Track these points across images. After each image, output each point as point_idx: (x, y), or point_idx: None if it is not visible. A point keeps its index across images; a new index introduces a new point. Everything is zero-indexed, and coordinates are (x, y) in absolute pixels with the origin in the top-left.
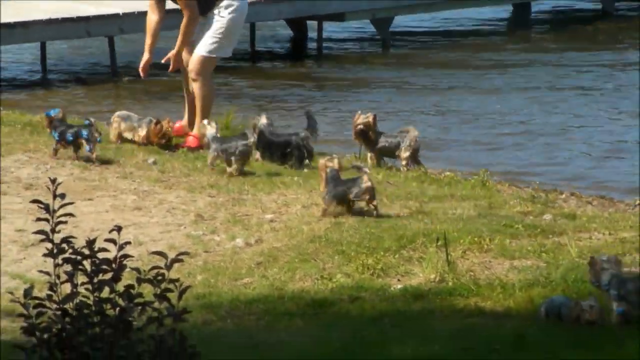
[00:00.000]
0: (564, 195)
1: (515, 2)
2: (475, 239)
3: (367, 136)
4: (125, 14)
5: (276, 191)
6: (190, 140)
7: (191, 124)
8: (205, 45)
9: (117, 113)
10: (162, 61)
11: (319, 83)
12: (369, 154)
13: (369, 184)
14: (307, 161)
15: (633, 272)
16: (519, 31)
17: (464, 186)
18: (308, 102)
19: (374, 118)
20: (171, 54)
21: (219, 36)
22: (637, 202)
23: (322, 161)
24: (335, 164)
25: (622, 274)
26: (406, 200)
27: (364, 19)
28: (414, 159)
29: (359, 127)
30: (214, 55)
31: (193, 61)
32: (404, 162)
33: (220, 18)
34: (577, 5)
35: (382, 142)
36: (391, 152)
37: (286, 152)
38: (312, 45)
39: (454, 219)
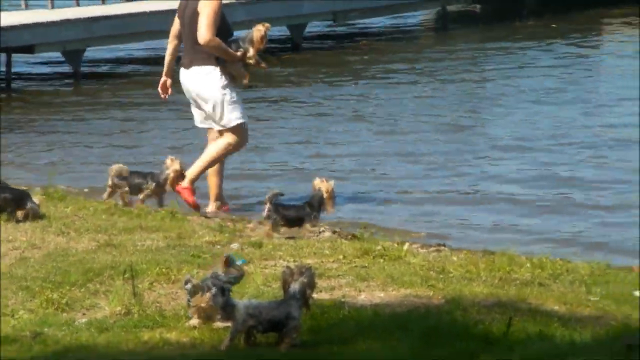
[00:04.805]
0: (251, 225)
1: None
2: (163, 270)
3: None
4: None
5: None
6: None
7: None
8: None
9: None
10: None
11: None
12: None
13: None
14: None
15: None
16: None
17: (154, 217)
18: None
19: None
20: None
21: None
22: (321, 229)
23: None
24: None
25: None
26: (95, 233)
27: (55, 51)
28: None
29: None
30: None
31: None
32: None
33: None
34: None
35: None
36: None
37: None
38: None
39: (143, 250)
